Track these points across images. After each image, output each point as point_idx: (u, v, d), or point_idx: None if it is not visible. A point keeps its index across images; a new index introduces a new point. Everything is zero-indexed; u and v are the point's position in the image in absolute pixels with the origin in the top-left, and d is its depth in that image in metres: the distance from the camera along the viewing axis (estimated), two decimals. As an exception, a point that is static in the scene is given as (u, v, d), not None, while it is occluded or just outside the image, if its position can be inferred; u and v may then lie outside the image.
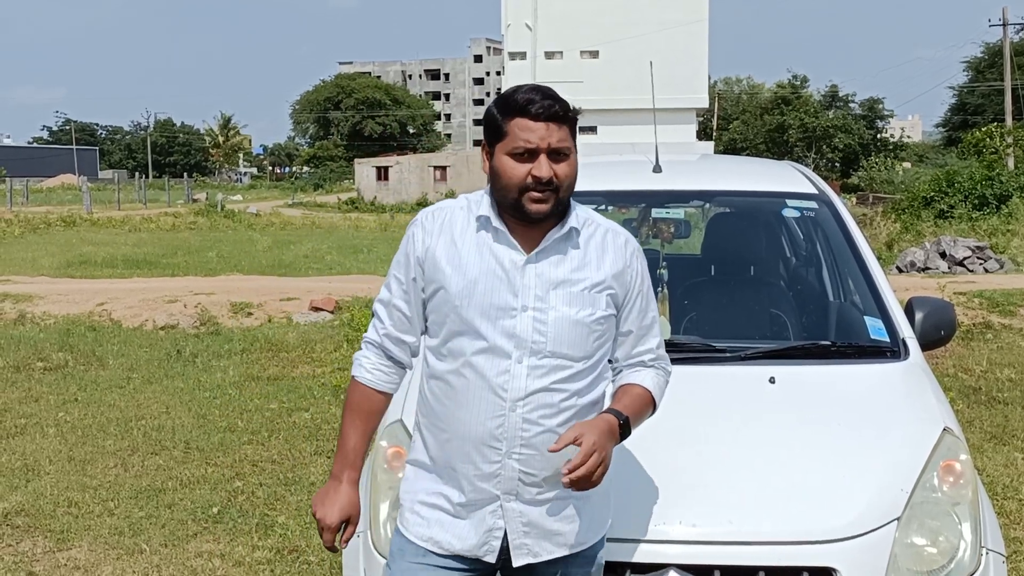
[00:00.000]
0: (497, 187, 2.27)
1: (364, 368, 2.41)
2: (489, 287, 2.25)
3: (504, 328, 2.24)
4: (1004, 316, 10.45)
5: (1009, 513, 5.17)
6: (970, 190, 25.57)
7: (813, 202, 4.09)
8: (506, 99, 2.25)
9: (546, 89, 2.26)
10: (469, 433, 2.28)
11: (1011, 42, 46.36)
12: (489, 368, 2.25)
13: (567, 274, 2.29)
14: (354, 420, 2.40)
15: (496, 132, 2.26)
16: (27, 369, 8.91)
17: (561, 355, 2.26)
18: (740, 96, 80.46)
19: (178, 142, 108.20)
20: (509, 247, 2.28)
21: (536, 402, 2.25)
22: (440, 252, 2.30)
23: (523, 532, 2.32)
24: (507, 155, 2.23)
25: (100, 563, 4.70)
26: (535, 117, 2.21)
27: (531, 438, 2.26)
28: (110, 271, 16.83)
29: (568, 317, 2.26)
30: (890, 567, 2.54)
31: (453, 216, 2.34)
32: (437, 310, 2.31)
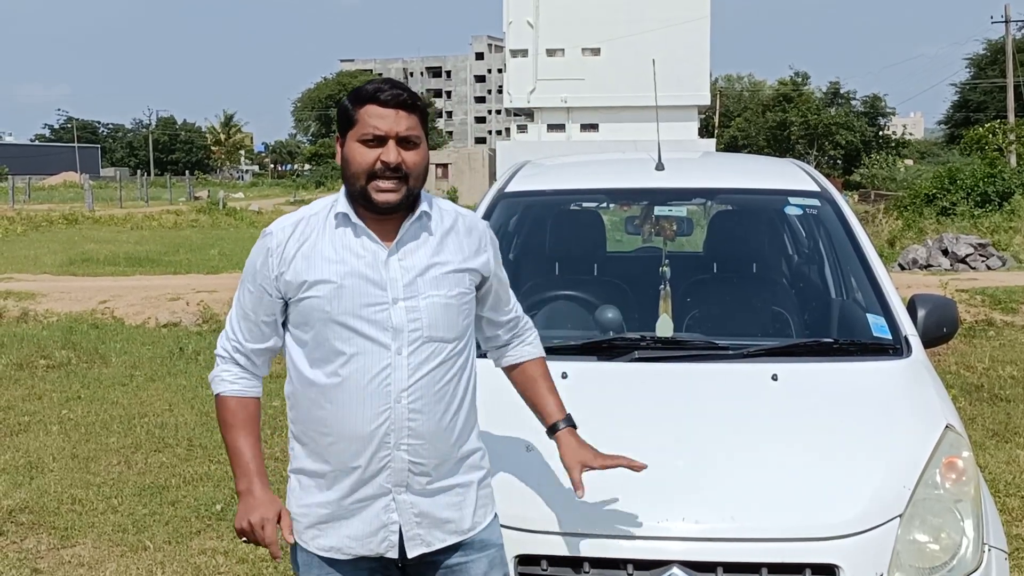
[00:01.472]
0: (347, 175, 2.29)
1: (227, 381, 2.41)
2: (356, 286, 2.27)
3: (378, 323, 2.27)
4: (1006, 313, 10.45)
5: (1011, 510, 5.17)
6: (972, 187, 25.53)
7: (815, 199, 4.09)
8: (358, 90, 2.31)
9: (395, 81, 2.33)
10: (355, 433, 2.29)
11: (1013, 39, 46.28)
12: (369, 365, 2.27)
13: (429, 259, 2.33)
14: (239, 433, 2.40)
15: (347, 120, 2.29)
16: (30, 367, 8.93)
17: (437, 339, 2.32)
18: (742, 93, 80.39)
19: (180, 140, 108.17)
20: (370, 241, 2.30)
21: (419, 391, 2.30)
22: (300, 261, 2.29)
23: (415, 523, 2.36)
24: (357, 142, 2.27)
25: (104, 560, 4.72)
26: (384, 104, 2.25)
27: (418, 427, 2.31)
28: (112, 269, 16.84)
29: (439, 301, 2.32)
30: (892, 564, 2.55)
31: (308, 224, 2.34)
32: (305, 318, 2.30)
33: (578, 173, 4.79)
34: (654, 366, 3.26)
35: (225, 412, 2.41)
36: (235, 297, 2.42)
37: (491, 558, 2.45)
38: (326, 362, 2.30)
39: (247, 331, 2.39)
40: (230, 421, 2.40)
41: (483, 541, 2.45)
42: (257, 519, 2.32)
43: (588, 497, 2.63)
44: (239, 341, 2.40)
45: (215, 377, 2.43)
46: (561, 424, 2.56)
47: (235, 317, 2.41)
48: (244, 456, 2.38)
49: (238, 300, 2.40)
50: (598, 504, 2.60)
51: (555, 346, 3.41)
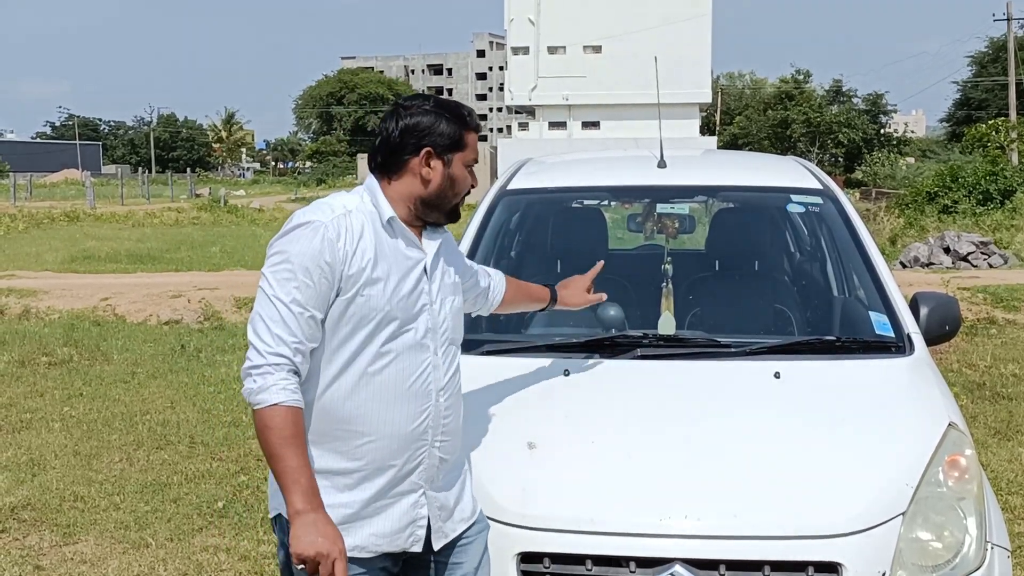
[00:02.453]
0: (448, 194, 2.42)
1: (287, 391, 2.21)
2: (406, 287, 2.35)
3: (421, 324, 2.37)
4: (1008, 311, 10.45)
5: (1014, 508, 5.17)
6: (974, 185, 25.51)
7: (817, 197, 4.09)
8: (458, 113, 2.42)
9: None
10: (396, 431, 2.33)
11: (1015, 37, 46.23)
12: (414, 364, 2.35)
13: (448, 268, 2.51)
14: (298, 448, 2.21)
15: (456, 143, 2.40)
16: (32, 364, 8.93)
17: (455, 341, 2.51)
18: (743, 91, 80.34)
19: (181, 137, 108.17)
20: (415, 247, 2.40)
21: (450, 389, 2.45)
22: (359, 258, 2.29)
23: (440, 517, 2.45)
24: (464, 164, 2.44)
25: (106, 557, 4.72)
26: (478, 133, 2.49)
27: (449, 424, 2.44)
28: (114, 266, 16.84)
29: (456, 305, 2.51)
30: (895, 562, 2.55)
31: (354, 219, 2.32)
32: (355, 313, 2.28)
33: (580, 171, 4.79)
34: (656, 364, 3.26)
35: (285, 425, 2.20)
36: (274, 299, 2.23)
37: (485, 539, 2.56)
38: (367, 359, 2.31)
39: (307, 328, 2.24)
40: (290, 434, 2.20)
41: (479, 521, 2.57)
42: (327, 550, 2.17)
43: (589, 494, 2.64)
44: (301, 340, 2.23)
45: (269, 387, 2.20)
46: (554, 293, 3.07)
47: (288, 316, 2.22)
48: (304, 474, 2.21)
49: (289, 299, 2.22)
50: (600, 501, 2.60)
51: (557, 343, 3.42)
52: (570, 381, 3.12)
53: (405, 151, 2.35)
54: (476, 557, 2.51)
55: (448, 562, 2.49)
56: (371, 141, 2.46)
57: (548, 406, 2.73)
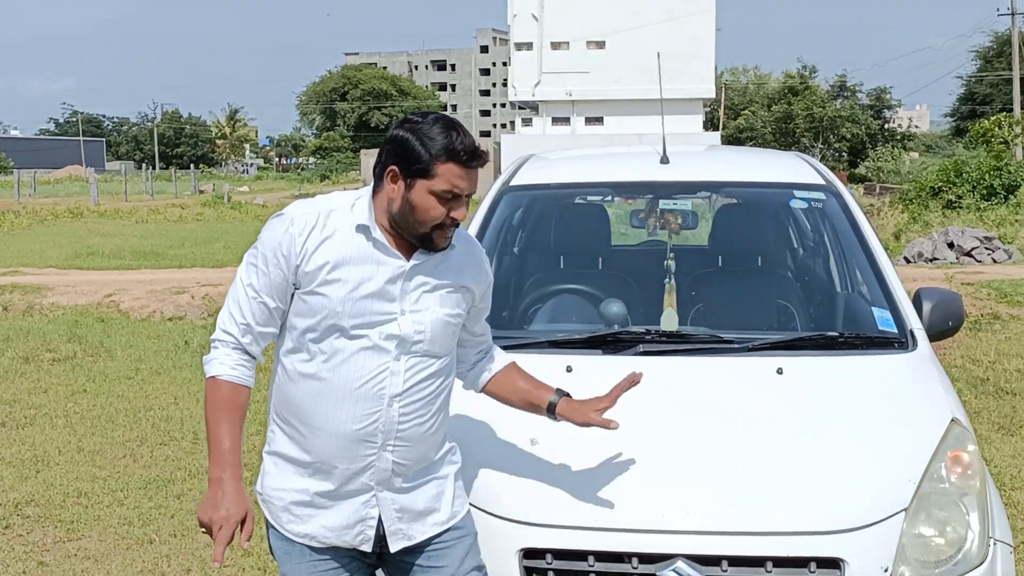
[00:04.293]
0: (409, 219, 2.30)
1: (226, 365, 2.37)
2: (370, 294, 2.31)
3: (384, 331, 2.33)
4: (1012, 307, 10.43)
5: (1017, 504, 5.17)
6: (978, 180, 25.47)
7: (820, 193, 4.08)
8: (436, 140, 2.25)
9: (467, 133, 2.30)
10: (343, 430, 2.34)
11: (1019, 31, 46.13)
12: (366, 368, 2.32)
13: (439, 278, 2.41)
14: (224, 419, 2.35)
15: (422, 169, 2.26)
16: (36, 360, 8.95)
17: (432, 353, 2.41)
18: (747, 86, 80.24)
19: (185, 133, 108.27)
20: (390, 256, 2.34)
21: (411, 397, 2.38)
22: (320, 257, 2.30)
23: (396, 518, 2.43)
24: (431, 193, 2.27)
25: (110, 553, 4.73)
26: (467, 166, 2.27)
27: (405, 431, 2.38)
28: (118, 262, 16.86)
29: (440, 317, 2.40)
30: (898, 557, 2.55)
31: (331, 219, 2.33)
32: (312, 311, 2.32)
33: (583, 166, 4.78)
34: (659, 360, 3.25)
35: (216, 396, 2.36)
36: (240, 279, 2.37)
37: (468, 545, 2.52)
38: (323, 357, 2.34)
39: (257, 312, 2.36)
40: (219, 406, 2.36)
41: (459, 528, 2.53)
42: (220, 516, 2.30)
43: (592, 490, 2.64)
44: (249, 323, 2.36)
45: (212, 360, 2.38)
46: (556, 398, 2.62)
47: (243, 299, 2.36)
48: (224, 444, 2.34)
49: (247, 282, 2.36)
50: (603, 497, 2.61)
51: (560, 340, 3.42)
52: (572, 377, 3.12)
53: (384, 163, 2.32)
54: (455, 562, 2.48)
55: (425, 565, 2.48)
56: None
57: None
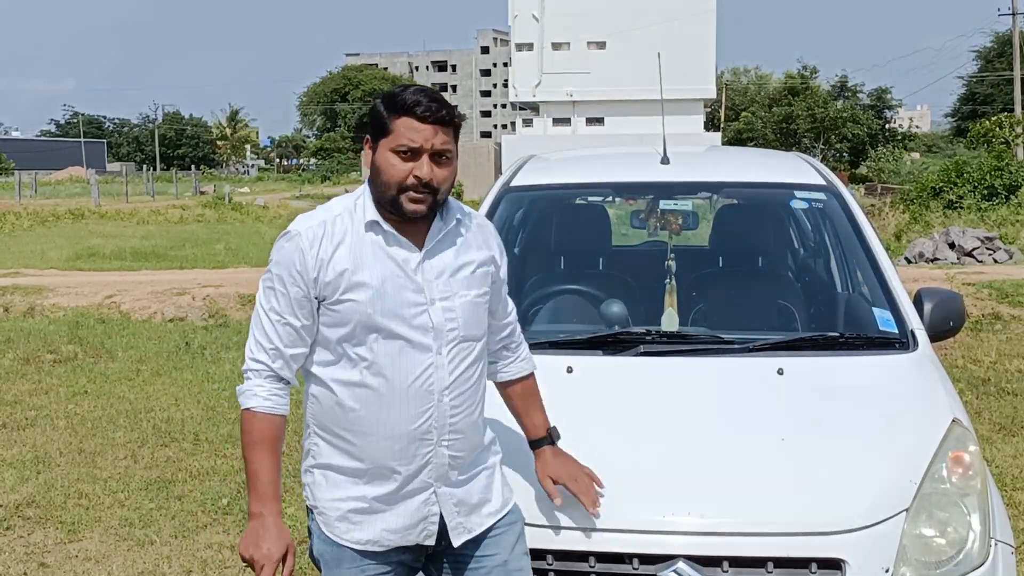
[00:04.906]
0: (377, 183, 2.30)
1: (260, 397, 2.33)
2: (396, 289, 2.29)
3: (419, 324, 2.30)
4: (1013, 307, 10.42)
5: (1018, 504, 5.16)
6: (979, 180, 25.45)
7: (821, 193, 4.08)
8: (393, 97, 2.28)
9: (433, 92, 2.31)
10: (398, 431, 2.32)
11: (1020, 31, 46.09)
12: (411, 366, 2.30)
13: (458, 259, 2.39)
14: (263, 453, 2.33)
15: (381, 128, 2.28)
16: (37, 361, 8.95)
17: (470, 338, 2.39)
18: (748, 87, 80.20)
19: (186, 135, 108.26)
20: (401, 247, 2.32)
21: (458, 388, 2.36)
22: (337, 263, 2.27)
23: (456, 512, 2.42)
24: (391, 151, 2.27)
25: (111, 554, 4.73)
26: (422, 119, 2.25)
27: (458, 423, 2.37)
28: (119, 263, 16.87)
29: (469, 300, 2.38)
30: (899, 558, 2.54)
31: (335, 225, 2.31)
32: (343, 320, 2.29)
33: (583, 167, 4.78)
34: (659, 360, 3.25)
35: (252, 429, 2.33)
36: (260, 306, 2.34)
37: (518, 532, 2.52)
38: (365, 363, 2.30)
39: (284, 335, 2.32)
40: (255, 439, 2.33)
41: (511, 514, 2.53)
42: (263, 555, 2.28)
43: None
44: (278, 348, 2.32)
45: (246, 391, 2.35)
46: (544, 441, 2.64)
47: (267, 324, 2.32)
48: (262, 478, 2.32)
49: (268, 307, 2.32)
50: (603, 499, 2.60)
51: (560, 340, 3.42)
52: (573, 378, 3.12)
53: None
54: (507, 549, 2.48)
55: (475, 555, 2.47)
56: None
57: (550, 403, 2.72)
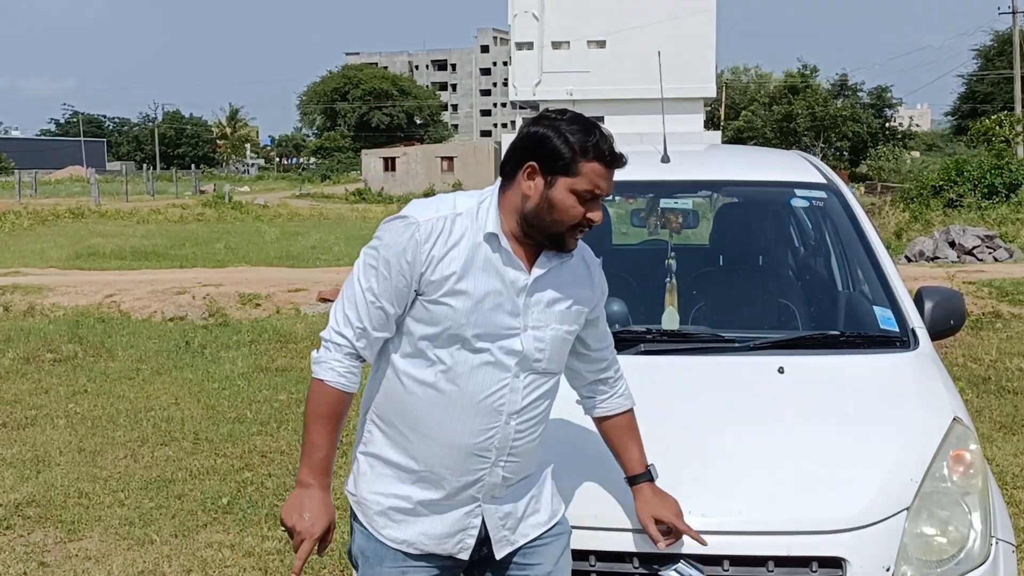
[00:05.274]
0: (546, 218, 2.23)
1: (336, 371, 2.29)
2: (494, 306, 2.25)
3: (506, 346, 2.27)
4: (1013, 305, 10.42)
5: (1019, 503, 5.16)
6: (979, 179, 25.48)
7: (822, 191, 4.07)
8: (587, 139, 2.21)
9: (612, 138, 2.26)
10: (458, 442, 2.29)
11: (1020, 30, 46.08)
12: (487, 382, 2.27)
13: (562, 293, 2.35)
14: (325, 426, 2.30)
15: (564, 165, 2.20)
16: (37, 360, 8.95)
17: (549, 371, 2.37)
18: (748, 85, 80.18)
19: (186, 134, 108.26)
20: (514, 268, 2.27)
21: (527, 414, 2.33)
22: (446, 266, 2.22)
23: (501, 525, 2.39)
24: (572, 192, 2.21)
25: (111, 554, 4.72)
26: (610, 166, 2.23)
27: (519, 447, 2.34)
28: (119, 263, 16.88)
29: (559, 334, 2.35)
30: (900, 557, 2.54)
31: (454, 225, 2.24)
32: (435, 321, 2.25)
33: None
34: (660, 359, 3.24)
35: (321, 401, 2.29)
36: (357, 281, 2.27)
37: (564, 544, 2.49)
38: (442, 367, 2.27)
39: (375, 318, 2.26)
40: (322, 412, 2.29)
41: (559, 525, 2.50)
42: (305, 527, 2.29)
43: (593, 490, 2.63)
44: (365, 328, 2.26)
45: (323, 362, 2.29)
46: (642, 478, 2.55)
47: (360, 302, 2.26)
48: (319, 452, 2.31)
49: (366, 285, 2.25)
50: (604, 497, 2.60)
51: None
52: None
53: (518, 160, 2.25)
54: (551, 560, 2.44)
55: (521, 563, 2.43)
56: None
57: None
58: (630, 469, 2.57)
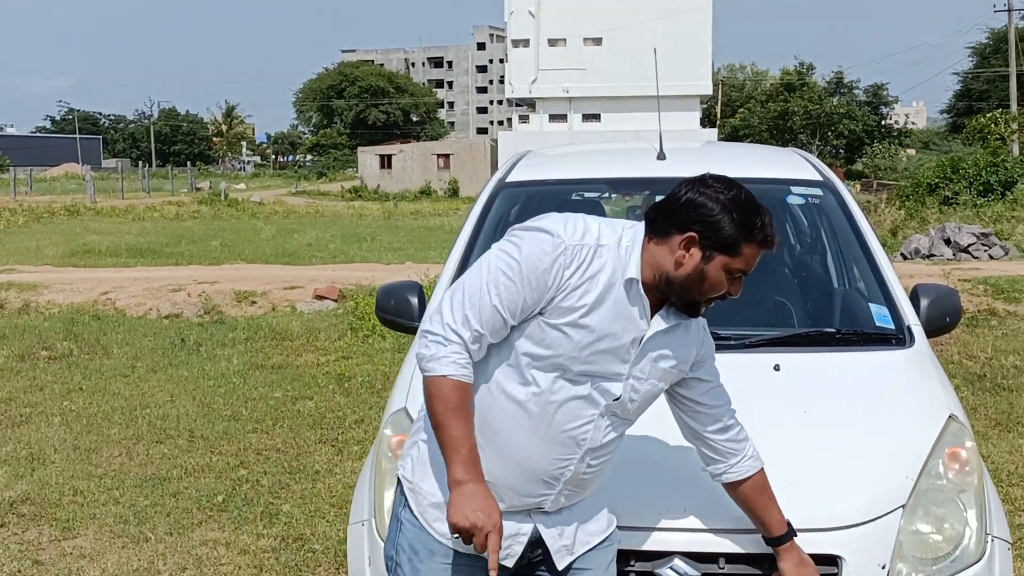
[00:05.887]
0: (692, 288, 2.23)
1: (457, 364, 2.20)
2: (609, 349, 2.23)
3: (606, 388, 2.26)
4: (1009, 303, 10.44)
5: (1014, 500, 5.16)
6: (975, 176, 25.52)
7: (817, 189, 4.07)
8: (754, 223, 2.19)
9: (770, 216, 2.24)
10: (531, 467, 2.28)
11: (1016, 28, 46.18)
12: (576, 416, 2.26)
13: (672, 352, 2.33)
14: (464, 419, 2.21)
15: (728, 246, 2.19)
16: (32, 358, 8.93)
17: (631, 420, 2.38)
18: (744, 83, 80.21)
19: (182, 131, 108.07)
20: (640, 318, 2.25)
21: (602, 451, 2.34)
22: (578, 297, 2.19)
23: (557, 536, 2.37)
24: (725, 270, 2.21)
25: (105, 551, 4.71)
26: (769, 248, 2.24)
27: (585, 479, 2.34)
28: (114, 260, 16.83)
29: (654, 390, 2.35)
30: (895, 554, 2.54)
31: (596, 258, 2.21)
32: (547, 344, 2.22)
33: (579, 163, 4.77)
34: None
35: (451, 396, 2.20)
36: (485, 284, 2.21)
37: (613, 553, 2.47)
38: (536, 389, 2.25)
39: (494, 323, 2.21)
40: (456, 405, 2.20)
41: (612, 535, 2.48)
42: (484, 520, 2.16)
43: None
44: (483, 333, 2.21)
45: (442, 357, 2.20)
46: (787, 538, 2.48)
47: (485, 307, 2.20)
48: (464, 446, 2.20)
49: (493, 292, 2.19)
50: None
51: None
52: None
53: (676, 223, 2.21)
54: (601, 567, 2.42)
55: (572, 567, 2.41)
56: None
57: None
58: (774, 531, 2.48)
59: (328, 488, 5.48)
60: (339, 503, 5.19)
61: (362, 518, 2.96)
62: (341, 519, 4.88)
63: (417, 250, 18.03)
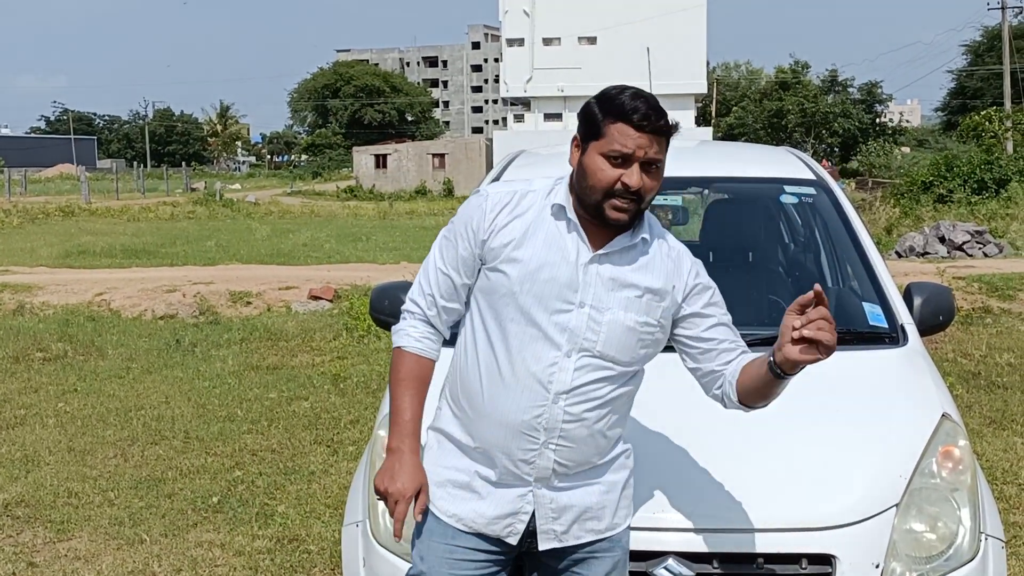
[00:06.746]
0: (582, 185, 2.24)
1: (412, 337, 2.36)
2: (549, 279, 2.24)
3: (558, 321, 2.25)
4: (1003, 300, 10.46)
5: (1008, 498, 5.17)
6: (969, 174, 25.55)
7: (811, 188, 4.08)
8: (611, 100, 2.21)
9: (651, 99, 2.20)
10: (508, 419, 2.28)
11: (1010, 25, 46.29)
12: (537, 358, 2.25)
13: (629, 279, 2.28)
14: (407, 390, 2.34)
15: (593, 130, 2.21)
16: (26, 360, 8.91)
17: (608, 357, 2.28)
18: (739, 82, 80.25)
19: (176, 131, 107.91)
20: (578, 240, 2.27)
21: (579, 396, 2.27)
22: (507, 233, 2.27)
23: (552, 517, 2.34)
24: (600, 155, 2.20)
25: (100, 553, 4.71)
26: (639, 127, 2.17)
27: (570, 431, 2.28)
28: (109, 261, 16.80)
29: (622, 322, 2.27)
30: (889, 553, 2.54)
31: (524, 199, 2.31)
32: (492, 291, 2.29)
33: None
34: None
35: (401, 367, 2.36)
36: (432, 252, 2.38)
37: (615, 561, 2.42)
38: (499, 341, 2.29)
39: (443, 285, 2.35)
40: (403, 376, 2.35)
41: (613, 540, 2.41)
42: (396, 489, 2.28)
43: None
44: (434, 296, 2.36)
45: (399, 331, 2.39)
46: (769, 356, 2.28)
47: (431, 271, 2.37)
48: (405, 415, 2.33)
49: (438, 255, 2.36)
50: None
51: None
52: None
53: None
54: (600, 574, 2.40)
55: (569, 569, 2.40)
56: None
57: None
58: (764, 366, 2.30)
59: (323, 489, 5.47)
60: (334, 504, 5.19)
61: (356, 519, 2.96)
62: (336, 520, 4.87)
63: (412, 250, 18.00)
